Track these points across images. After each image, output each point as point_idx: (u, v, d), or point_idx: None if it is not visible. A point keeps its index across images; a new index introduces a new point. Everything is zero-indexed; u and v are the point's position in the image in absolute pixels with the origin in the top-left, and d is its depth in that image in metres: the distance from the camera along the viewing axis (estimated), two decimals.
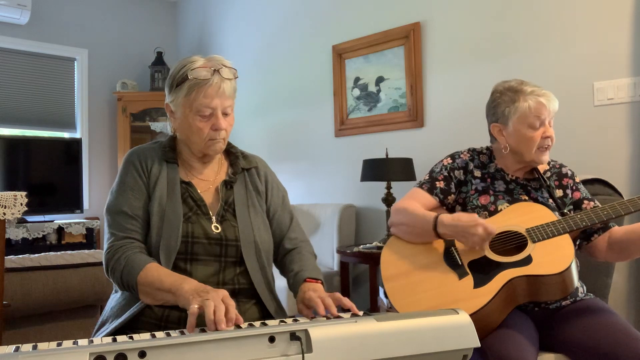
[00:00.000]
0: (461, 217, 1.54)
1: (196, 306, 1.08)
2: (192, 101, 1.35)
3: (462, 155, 1.78)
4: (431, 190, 1.73)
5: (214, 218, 1.39)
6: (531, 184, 1.73)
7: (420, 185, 1.75)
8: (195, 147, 1.42)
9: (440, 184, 1.74)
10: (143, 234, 1.36)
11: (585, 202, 1.70)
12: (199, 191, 1.42)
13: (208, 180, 1.46)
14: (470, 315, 1.04)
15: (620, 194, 2.09)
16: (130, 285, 1.27)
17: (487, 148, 1.81)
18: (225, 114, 1.39)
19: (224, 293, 1.12)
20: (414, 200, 1.71)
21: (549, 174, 1.76)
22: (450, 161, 1.77)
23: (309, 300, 1.27)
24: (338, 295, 1.26)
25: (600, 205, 1.57)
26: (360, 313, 1.18)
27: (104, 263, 1.34)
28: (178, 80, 1.37)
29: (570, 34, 2.67)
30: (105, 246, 1.35)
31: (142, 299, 1.27)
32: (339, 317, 1.16)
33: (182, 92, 1.36)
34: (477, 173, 1.75)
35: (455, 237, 1.56)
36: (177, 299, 1.18)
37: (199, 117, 1.36)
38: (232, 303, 1.10)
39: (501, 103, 1.69)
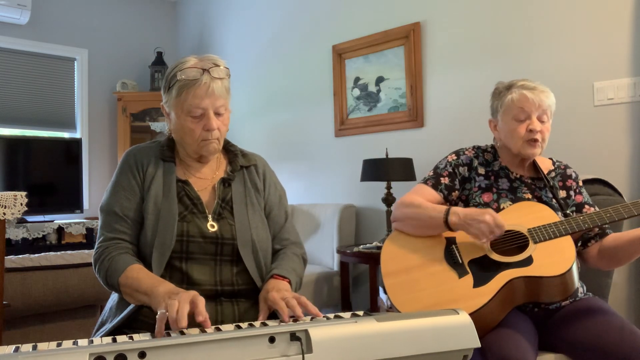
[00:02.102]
0: (473, 209, 1.57)
1: (163, 311, 1.07)
2: (182, 102, 1.34)
3: (466, 152, 1.79)
4: (436, 186, 1.74)
5: (210, 216, 1.38)
6: (536, 183, 1.73)
7: (425, 181, 1.76)
8: (189, 148, 1.41)
9: (445, 180, 1.74)
10: (133, 235, 1.36)
11: (587, 206, 1.71)
12: (195, 189, 1.41)
13: (206, 178, 1.45)
14: (469, 314, 1.04)
15: (620, 194, 2.09)
16: (114, 285, 1.28)
17: (492, 146, 1.82)
18: (218, 114, 1.36)
19: (193, 293, 1.12)
20: (419, 196, 1.72)
21: (553, 174, 1.76)
22: (454, 157, 1.78)
23: (272, 302, 1.22)
24: (304, 299, 1.20)
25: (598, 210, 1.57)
26: (332, 316, 1.14)
27: (92, 263, 1.35)
28: (170, 81, 1.37)
29: (570, 34, 2.67)
30: (95, 246, 1.36)
31: (127, 299, 1.28)
32: (339, 317, 1.15)
33: (174, 93, 1.35)
34: (481, 170, 1.75)
35: (464, 226, 1.53)
36: (151, 302, 1.18)
37: (190, 118, 1.35)
38: (201, 300, 1.10)
39: (495, 99, 1.75)
